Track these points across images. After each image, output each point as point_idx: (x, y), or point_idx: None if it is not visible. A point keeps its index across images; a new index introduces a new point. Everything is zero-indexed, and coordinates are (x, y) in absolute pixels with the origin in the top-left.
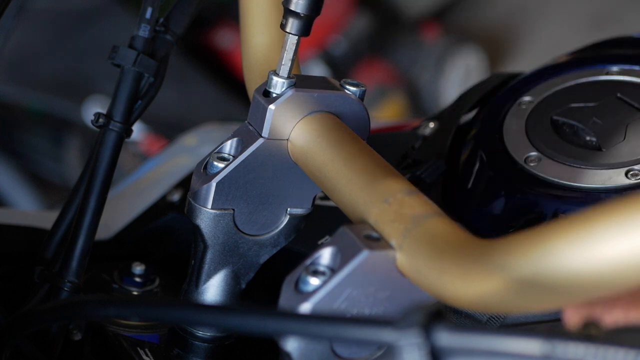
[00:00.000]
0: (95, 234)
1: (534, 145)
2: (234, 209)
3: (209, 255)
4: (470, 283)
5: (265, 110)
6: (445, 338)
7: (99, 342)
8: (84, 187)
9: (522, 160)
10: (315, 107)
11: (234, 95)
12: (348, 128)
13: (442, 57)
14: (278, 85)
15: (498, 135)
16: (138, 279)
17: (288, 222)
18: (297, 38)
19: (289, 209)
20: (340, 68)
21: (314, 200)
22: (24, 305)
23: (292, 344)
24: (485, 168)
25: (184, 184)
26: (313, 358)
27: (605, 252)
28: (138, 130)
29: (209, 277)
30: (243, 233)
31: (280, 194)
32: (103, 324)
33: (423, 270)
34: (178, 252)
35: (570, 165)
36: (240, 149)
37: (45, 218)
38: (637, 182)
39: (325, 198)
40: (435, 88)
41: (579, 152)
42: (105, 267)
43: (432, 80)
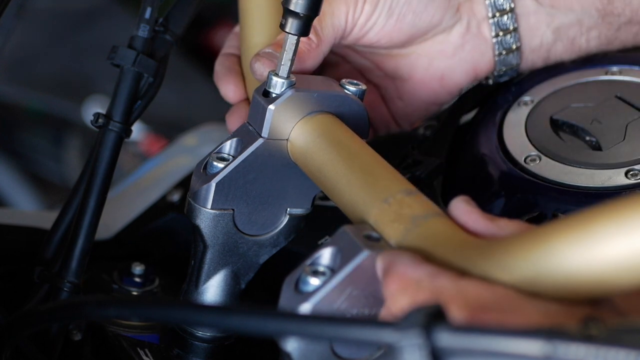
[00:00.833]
0: (95, 234)
1: (534, 145)
2: (234, 209)
3: (209, 256)
4: None
5: (265, 111)
6: (446, 338)
7: (99, 342)
8: (84, 187)
9: (522, 160)
10: (315, 107)
11: None
12: (348, 128)
13: None
14: (278, 85)
15: (498, 135)
16: (138, 279)
17: (288, 222)
18: (296, 38)
19: (289, 209)
20: None
21: (314, 200)
22: (24, 306)
23: (292, 344)
24: (485, 168)
25: (184, 184)
26: (313, 358)
27: (605, 252)
28: (138, 130)
29: (209, 277)
30: (243, 233)
31: (280, 194)
32: (103, 324)
33: None
34: (178, 252)
35: (570, 165)
36: (240, 149)
37: (45, 218)
38: (636, 182)
39: (325, 198)
40: None
41: (579, 152)
42: (105, 267)
43: None
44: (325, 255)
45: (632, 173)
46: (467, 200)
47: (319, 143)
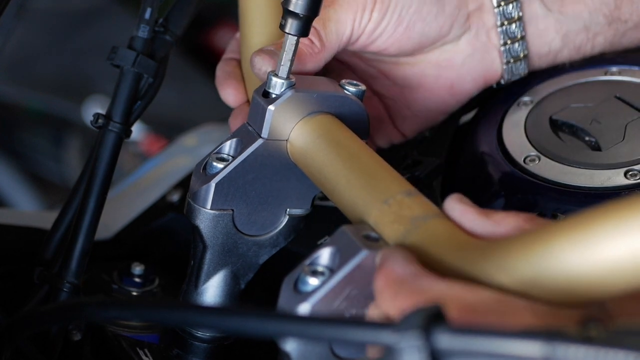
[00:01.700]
0: (95, 234)
1: (534, 145)
2: (233, 210)
3: (208, 256)
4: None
5: (265, 111)
6: (446, 340)
7: (99, 342)
8: (84, 187)
9: (521, 160)
10: (315, 107)
11: None
12: (348, 128)
13: None
14: (277, 86)
15: (497, 135)
16: (137, 279)
17: (287, 222)
18: (296, 38)
19: (289, 210)
20: None
21: (314, 201)
22: (24, 306)
23: (291, 345)
24: (485, 168)
25: (184, 184)
26: (312, 358)
27: (605, 253)
28: (138, 130)
29: (208, 277)
30: (242, 233)
31: (280, 195)
32: (103, 325)
33: None
34: (177, 252)
35: (570, 165)
36: (240, 150)
37: (45, 218)
38: (636, 182)
39: (325, 198)
40: None
41: (578, 152)
42: (105, 267)
43: None
44: (324, 255)
45: (631, 173)
46: (460, 199)
47: (319, 143)
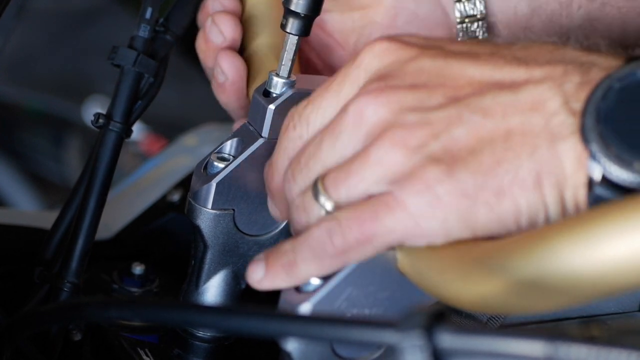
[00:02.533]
0: (95, 234)
1: None
2: (234, 209)
3: (209, 256)
4: (471, 284)
5: (265, 110)
6: (448, 340)
7: (99, 342)
8: (84, 187)
9: None
10: None
11: None
12: None
13: None
14: (278, 85)
15: None
16: (138, 279)
17: (288, 222)
18: (297, 38)
19: None
20: None
21: None
22: (24, 306)
23: (292, 344)
24: None
25: (184, 184)
26: (313, 358)
27: (606, 253)
28: (138, 130)
29: (209, 277)
30: (243, 233)
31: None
32: (103, 325)
33: (424, 271)
34: (178, 252)
35: None
36: (241, 149)
37: (45, 218)
38: None
39: None
40: None
41: None
42: (105, 267)
43: None
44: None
45: None
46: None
47: None
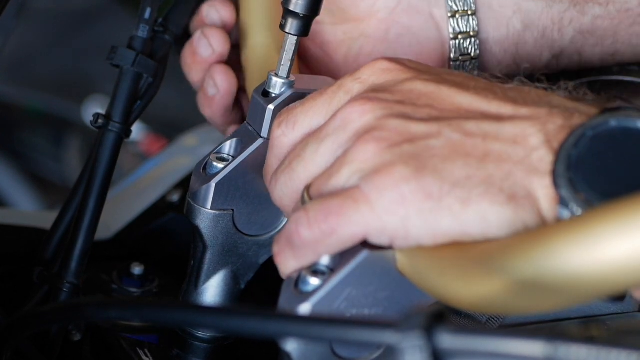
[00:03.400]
0: (95, 234)
1: None
2: (234, 210)
3: (209, 256)
4: (471, 284)
5: (265, 111)
6: (448, 340)
7: (99, 342)
8: (84, 187)
9: None
10: None
11: None
12: None
13: None
14: (277, 86)
15: None
16: (137, 279)
17: (288, 222)
18: (296, 38)
19: None
20: None
21: None
22: (23, 306)
23: (292, 345)
24: None
25: (184, 184)
26: (313, 358)
27: (606, 253)
28: (138, 130)
29: (208, 277)
30: (242, 233)
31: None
32: (103, 325)
33: (423, 271)
34: (177, 252)
35: None
36: (240, 150)
37: (45, 218)
38: None
39: None
40: None
41: None
42: (105, 267)
43: None
44: (326, 255)
45: None
46: None
47: None
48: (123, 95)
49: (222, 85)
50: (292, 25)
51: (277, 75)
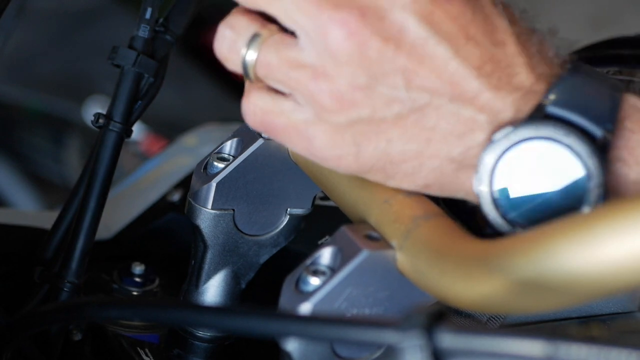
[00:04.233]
0: (95, 234)
1: None
2: (234, 209)
3: (209, 256)
4: (471, 284)
5: None
6: (448, 340)
7: (99, 342)
8: (84, 187)
9: None
10: None
11: (234, 95)
12: None
13: None
14: None
15: None
16: (138, 279)
17: (288, 222)
18: None
19: (289, 209)
20: None
21: (314, 200)
22: (24, 306)
23: (292, 345)
24: None
25: (184, 184)
26: (313, 358)
27: (607, 252)
28: (138, 130)
29: (209, 277)
30: (243, 233)
31: (280, 194)
32: (103, 324)
33: (424, 271)
34: (178, 252)
35: None
36: (241, 150)
37: (45, 218)
38: None
39: (325, 198)
40: None
41: None
42: (105, 267)
43: None
44: (326, 255)
45: None
46: None
47: None
48: (124, 95)
49: None
50: None
51: None
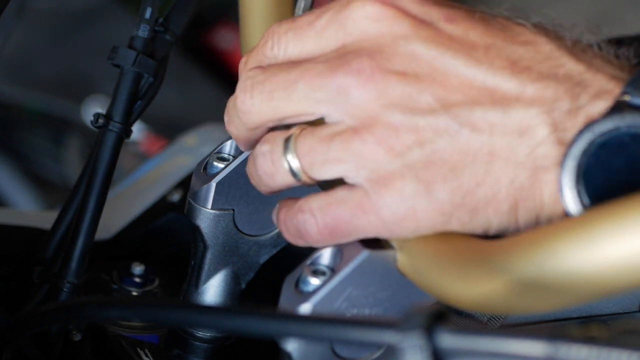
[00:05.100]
0: (95, 234)
1: None
2: (234, 209)
3: (209, 256)
4: (472, 284)
5: None
6: (448, 340)
7: (99, 342)
8: (84, 187)
9: None
10: None
11: None
12: None
13: None
14: None
15: None
16: (137, 279)
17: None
18: None
19: None
20: None
21: None
22: (24, 306)
23: (292, 345)
24: None
25: (184, 184)
26: (313, 358)
27: (607, 253)
28: (138, 130)
29: (209, 277)
30: (243, 233)
31: (280, 194)
32: (103, 325)
33: (424, 271)
34: (178, 252)
35: None
36: (240, 149)
37: (45, 218)
38: None
39: None
40: None
41: None
42: (105, 267)
43: None
44: (326, 255)
45: None
46: None
47: None
48: (123, 95)
49: None
50: None
51: None
